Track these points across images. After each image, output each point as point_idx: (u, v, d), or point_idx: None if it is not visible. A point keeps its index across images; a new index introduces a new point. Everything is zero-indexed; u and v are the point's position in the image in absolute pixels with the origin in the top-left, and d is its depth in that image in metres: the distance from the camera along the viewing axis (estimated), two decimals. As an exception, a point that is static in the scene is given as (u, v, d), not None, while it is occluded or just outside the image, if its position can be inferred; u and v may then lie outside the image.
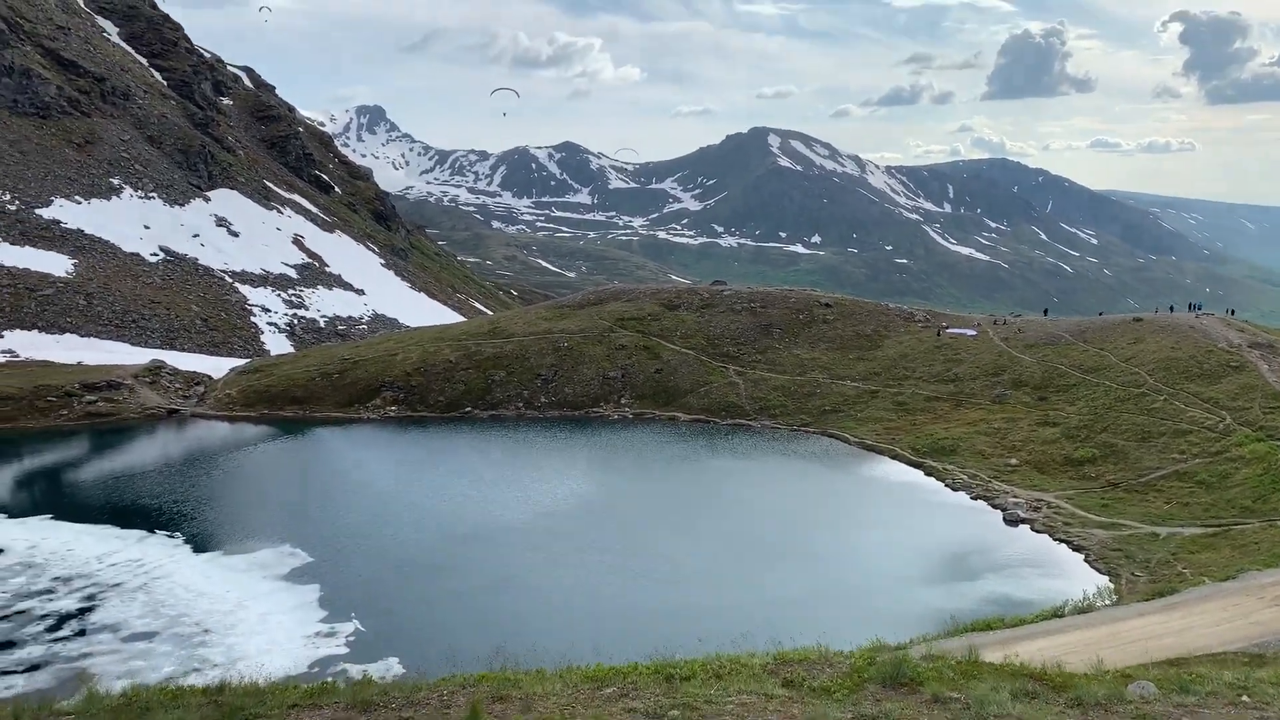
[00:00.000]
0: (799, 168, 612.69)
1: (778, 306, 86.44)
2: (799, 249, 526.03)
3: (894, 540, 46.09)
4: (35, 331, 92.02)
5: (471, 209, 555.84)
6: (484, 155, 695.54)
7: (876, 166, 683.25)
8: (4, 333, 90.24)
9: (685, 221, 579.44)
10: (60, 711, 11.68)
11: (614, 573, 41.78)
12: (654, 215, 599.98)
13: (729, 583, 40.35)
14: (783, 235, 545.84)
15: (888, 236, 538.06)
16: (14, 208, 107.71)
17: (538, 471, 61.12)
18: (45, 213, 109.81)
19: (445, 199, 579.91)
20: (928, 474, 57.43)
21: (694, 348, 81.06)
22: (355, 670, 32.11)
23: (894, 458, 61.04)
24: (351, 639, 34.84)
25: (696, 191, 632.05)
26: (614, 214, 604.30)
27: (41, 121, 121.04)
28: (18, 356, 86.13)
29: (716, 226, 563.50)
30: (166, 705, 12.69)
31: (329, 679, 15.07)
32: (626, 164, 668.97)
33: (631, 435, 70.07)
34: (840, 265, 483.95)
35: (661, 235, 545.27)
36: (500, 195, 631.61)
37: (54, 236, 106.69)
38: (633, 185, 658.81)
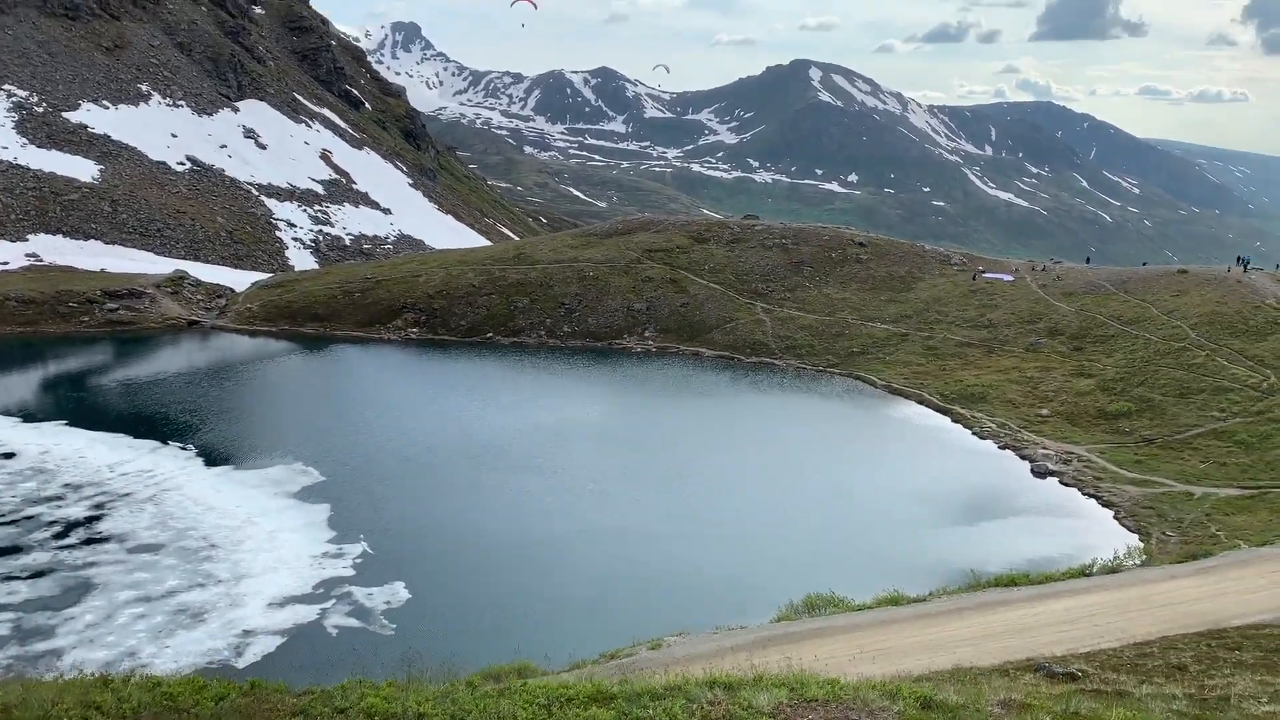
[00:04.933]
0: (839, 103, 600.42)
1: (810, 244, 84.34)
2: (835, 187, 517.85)
3: (915, 486, 44.89)
4: (60, 236, 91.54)
5: (504, 133, 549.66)
6: (519, 78, 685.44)
7: (919, 105, 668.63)
8: (29, 236, 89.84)
9: (720, 155, 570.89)
10: None
11: (620, 503, 40.93)
12: (689, 147, 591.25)
13: (741, 522, 39.41)
14: (819, 173, 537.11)
15: (926, 178, 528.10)
16: (41, 110, 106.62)
17: (556, 400, 60.27)
18: (72, 116, 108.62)
19: (478, 121, 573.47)
20: (954, 420, 55.99)
21: (722, 283, 79.37)
22: (361, 593, 31.62)
23: (920, 402, 59.57)
24: (359, 560, 34.32)
25: (733, 124, 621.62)
26: (648, 144, 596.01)
27: (70, 23, 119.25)
28: (41, 261, 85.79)
29: (752, 161, 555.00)
30: None
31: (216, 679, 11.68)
32: (663, 92, 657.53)
33: (653, 368, 68.95)
34: (876, 205, 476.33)
35: (695, 168, 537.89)
36: (534, 120, 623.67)
37: (80, 141, 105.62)
38: (668, 115, 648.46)
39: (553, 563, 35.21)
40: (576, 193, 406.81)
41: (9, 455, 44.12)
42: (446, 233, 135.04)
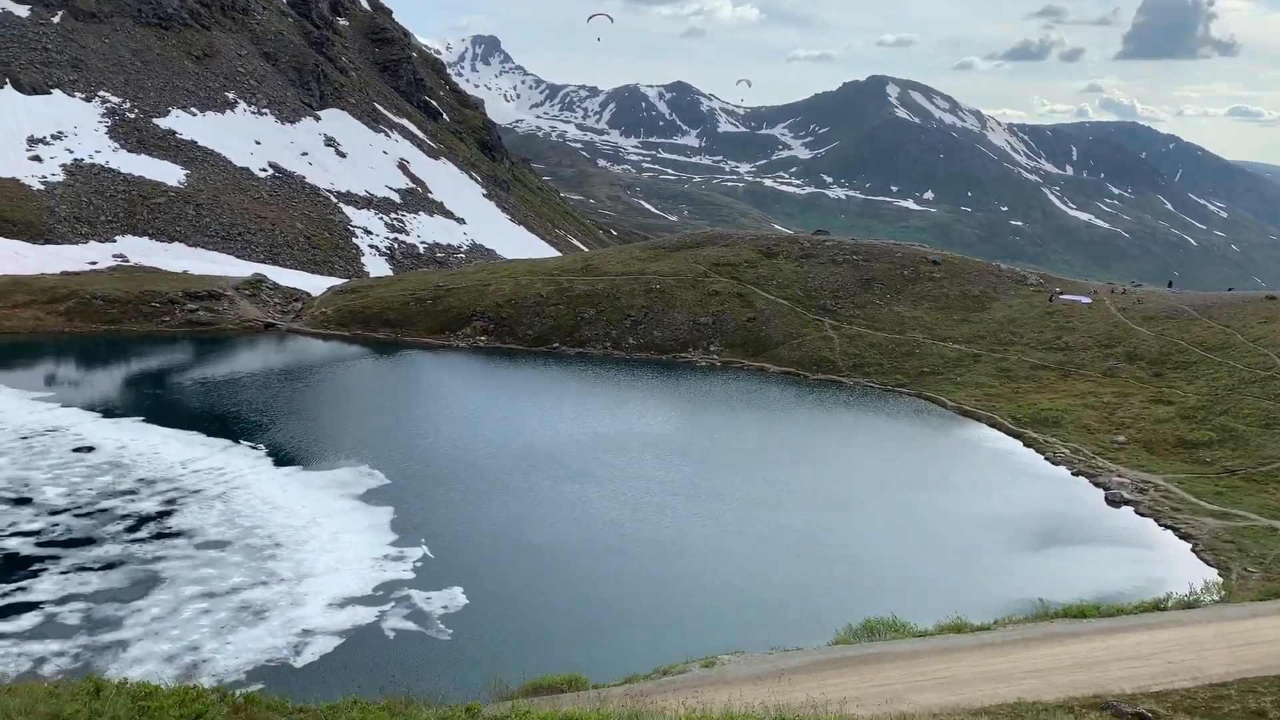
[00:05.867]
0: (916, 120, 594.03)
1: (882, 260, 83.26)
2: (910, 204, 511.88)
3: (982, 511, 43.81)
4: (145, 238, 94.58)
5: (578, 145, 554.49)
6: (594, 91, 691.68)
7: (998, 123, 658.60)
8: (116, 237, 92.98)
9: (794, 170, 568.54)
10: None
11: (679, 516, 40.63)
12: (762, 162, 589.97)
13: (801, 541, 38.81)
14: (894, 189, 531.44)
15: (1004, 197, 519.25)
16: (133, 116, 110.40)
17: (618, 411, 60.26)
18: (162, 122, 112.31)
19: (553, 134, 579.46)
20: (1026, 445, 54.58)
21: (789, 298, 78.73)
22: (419, 597, 31.81)
23: (992, 425, 58.22)
24: (419, 564, 34.52)
25: (808, 139, 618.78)
26: (721, 158, 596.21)
27: (163, 32, 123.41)
28: (127, 261, 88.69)
29: (825, 177, 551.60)
30: None
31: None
32: (738, 107, 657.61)
33: (717, 383, 68.57)
34: (952, 224, 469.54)
35: (768, 183, 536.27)
36: (608, 133, 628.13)
37: (169, 146, 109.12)
38: (742, 130, 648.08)
39: (610, 574, 35.08)
40: (648, 206, 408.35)
41: (89, 449, 45.46)
42: (518, 243, 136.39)
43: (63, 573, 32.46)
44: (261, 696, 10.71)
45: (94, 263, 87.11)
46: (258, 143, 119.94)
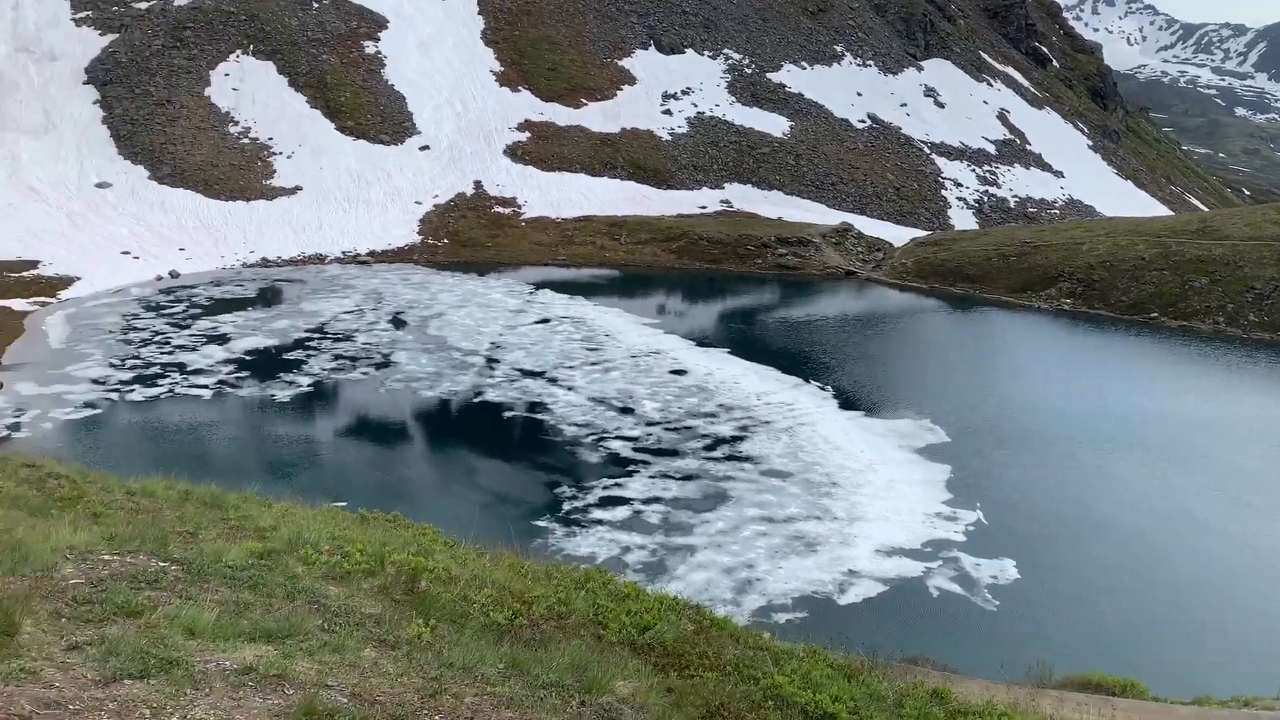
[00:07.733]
0: None
1: None
2: None
3: None
4: (749, 186, 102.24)
5: (1212, 92, 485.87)
6: (1240, 30, 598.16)
7: None
8: (725, 185, 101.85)
9: None
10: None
11: (1300, 535, 34.21)
12: None
13: None
14: None
15: None
16: (749, 71, 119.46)
17: (1226, 396, 52.44)
18: (774, 76, 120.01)
19: (1181, 80, 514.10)
20: None
21: None
22: (968, 561, 30.88)
23: None
24: (971, 528, 33.48)
25: None
26: None
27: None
28: (731, 207, 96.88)
29: None
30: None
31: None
32: None
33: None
34: None
35: None
36: (1252, 77, 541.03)
37: (778, 99, 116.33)
38: None
39: (1184, 576, 30.88)
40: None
41: (682, 372, 50.89)
42: (1122, 200, 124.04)
43: (650, 477, 36.86)
44: (726, 621, 10.74)
45: (703, 207, 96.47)
46: (859, 94, 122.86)
